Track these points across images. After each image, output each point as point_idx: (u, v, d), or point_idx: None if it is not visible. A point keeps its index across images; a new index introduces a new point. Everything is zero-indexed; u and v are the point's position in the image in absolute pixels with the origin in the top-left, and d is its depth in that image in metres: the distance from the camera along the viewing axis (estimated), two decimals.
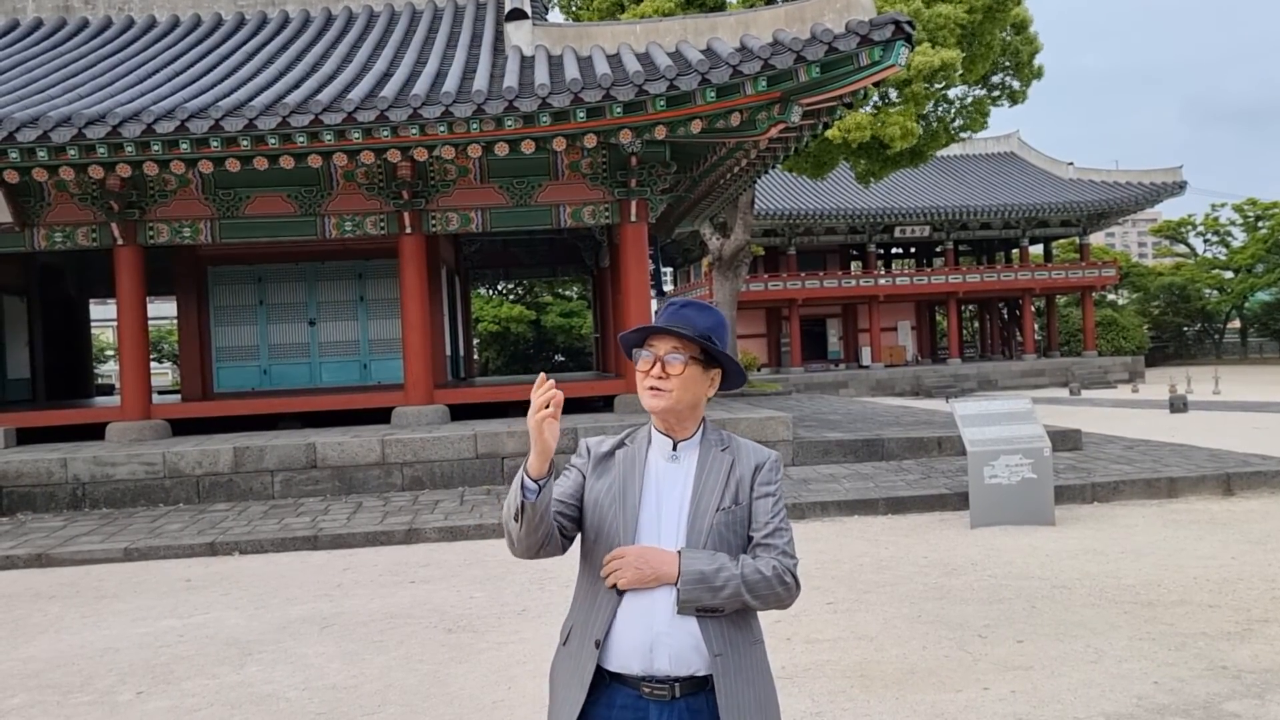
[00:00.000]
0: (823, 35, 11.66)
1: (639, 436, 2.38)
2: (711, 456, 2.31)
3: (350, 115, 11.58)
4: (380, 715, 4.96)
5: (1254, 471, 10.76)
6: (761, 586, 2.19)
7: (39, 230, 13.71)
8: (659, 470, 2.31)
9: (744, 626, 2.24)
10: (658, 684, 2.16)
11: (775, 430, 12.45)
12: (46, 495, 11.62)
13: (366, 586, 7.90)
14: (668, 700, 2.16)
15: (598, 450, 2.38)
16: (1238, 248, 53.19)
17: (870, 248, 41.91)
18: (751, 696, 2.19)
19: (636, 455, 2.33)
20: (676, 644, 2.15)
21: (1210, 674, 5.02)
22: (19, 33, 16.50)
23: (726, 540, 2.23)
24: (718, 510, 2.24)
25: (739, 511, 2.26)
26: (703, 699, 2.17)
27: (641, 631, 2.17)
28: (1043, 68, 25.11)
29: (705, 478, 2.28)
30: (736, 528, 2.25)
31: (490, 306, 44.54)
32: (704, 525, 2.23)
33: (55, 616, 7.37)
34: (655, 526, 2.25)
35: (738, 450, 2.33)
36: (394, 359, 15.76)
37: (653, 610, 2.17)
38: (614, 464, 2.34)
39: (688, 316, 2.28)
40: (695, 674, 2.16)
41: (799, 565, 2.29)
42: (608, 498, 2.29)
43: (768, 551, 2.23)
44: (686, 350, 2.27)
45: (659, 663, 2.16)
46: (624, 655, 2.18)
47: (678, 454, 2.31)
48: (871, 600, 6.72)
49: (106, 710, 5.23)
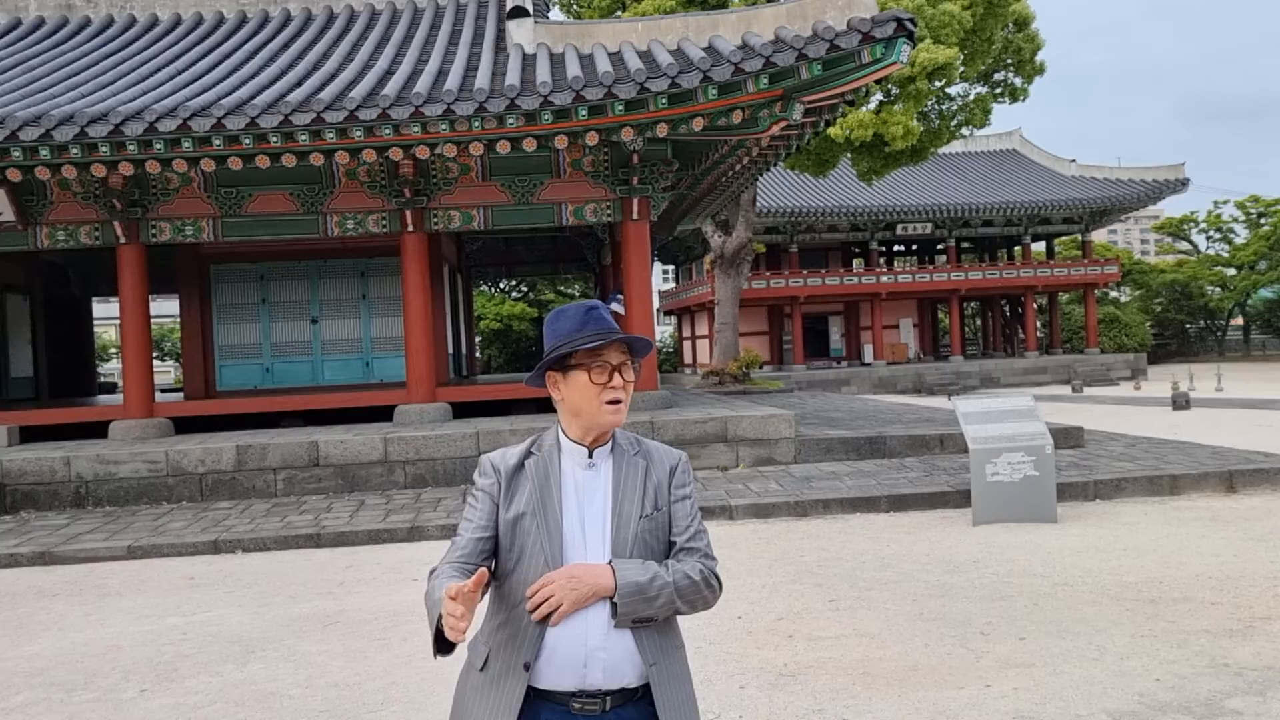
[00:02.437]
0: (824, 33, 11.65)
1: (545, 444, 2.29)
2: (626, 462, 2.25)
3: (352, 113, 11.58)
4: (383, 713, 4.97)
5: (1256, 469, 10.75)
6: (691, 591, 2.17)
7: (42, 229, 13.73)
8: (577, 480, 2.23)
9: (670, 634, 2.22)
10: (589, 698, 2.10)
11: (778, 428, 12.46)
12: (50, 493, 11.64)
13: (369, 584, 7.91)
14: (598, 714, 2.11)
15: (505, 466, 2.26)
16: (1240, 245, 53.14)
17: (872, 245, 41.88)
18: (681, 698, 2.18)
19: (549, 466, 2.24)
20: (611, 657, 2.10)
21: (1212, 671, 5.02)
22: (21, 31, 16.51)
23: (650, 547, 2.20)
24: (640, 518, 2.19)
25: (659, 517, 2.22)
26: (632, 709, 2.13)
27: (575, 647, 2.10)
28: (1044, 64, 25.09)
29: (624, 485, 2.22)
30: (658, 534, 2.22)
31: (492, 304, 44.56)
32: (629, 534, 2.18)
33: (59, 614, 7.38)
34: (580, 539, 2.18)
35: (649, 453, 2.28)
36: (396, 357, 15.77)
37: (586, 625, 2.10)
38: (525, 478, 2.24)
39: (609, 321, 2.24)
40: (627, 685, 2.12)
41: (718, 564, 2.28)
42: (527, 515, 2.19)
43: (691, 555, 2.20)
44: (629, 356, 2.24)
45: (592, 677, 2.10)
46: (556, 673, 2.11)
47: (594, 461, 2.24)
48: (874, 598, 6.73)
49: (110, 708, 5.24)
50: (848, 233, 41.73)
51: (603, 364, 2.20)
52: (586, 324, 2.21)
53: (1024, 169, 44.83)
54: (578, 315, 2.22)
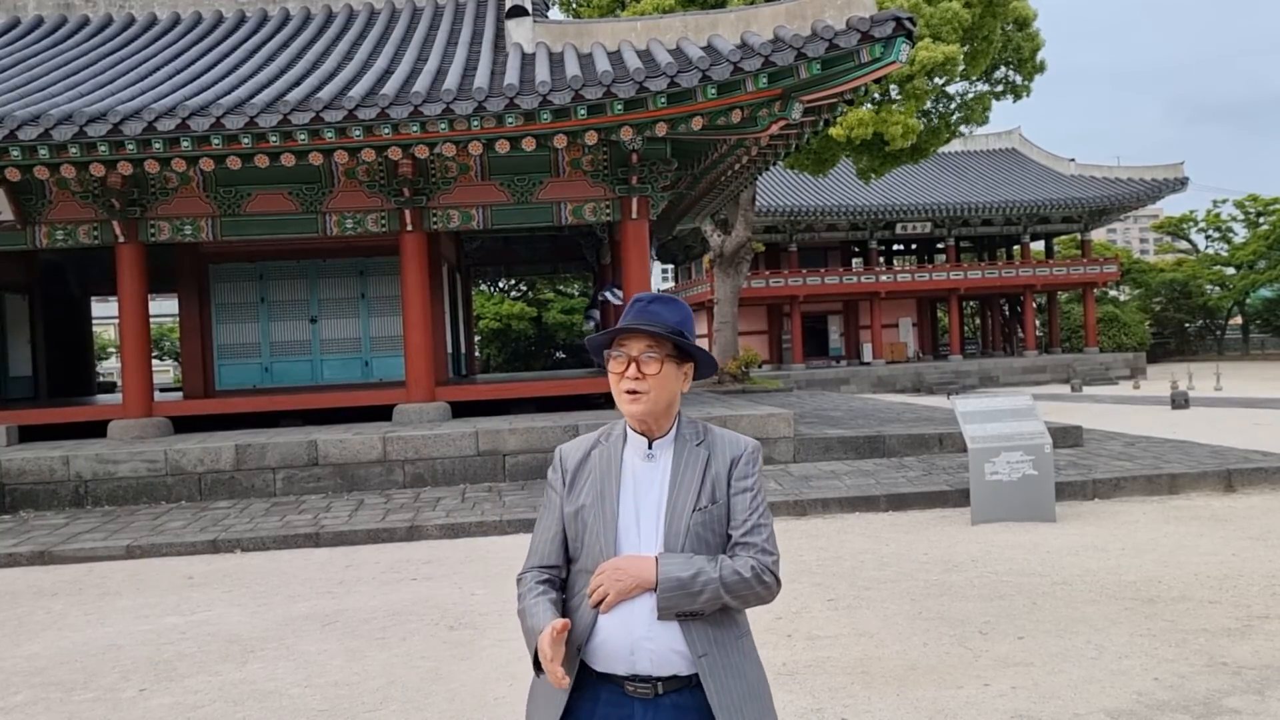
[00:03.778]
0: (824, 32, 11.65)
1: (614, 434, 2.33)
2: (687, 453, 2.26)
3: (351, 113, 11.58)
4: (382, 712, 4.97)
5: (1255, 468, 10.76)
6: (740, 587, 2.16)
7: (40, 228, 13.72)
8: (635, 470, 2.26)
9: (727, 624, 2.21)
10: (641, 683, 2.15)
11: (777, 427, 12.46)
12: (49, 493, 11.64)
13: (368, 584, 7.91)
14: (650, 698, 2.15)
15: (573, 459, 2.32)
16: (1239, 244, 53.17)
17: (872, 244, 41.90)
18: (742, 688, 2.17)
19: (612, 456, 2.28)
20: (657, 647, 2.14)
21: (1210, 670, 5.02)
22: (20, 30, 16.50)
23: (704, 540, 2.19)
24: (694, 510, 2.19)
25: (716, 510, 2.21)
26: (687, 695, 2.15)
27: (622, 636, 2.15)
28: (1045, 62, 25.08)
29: (681, 476, 2.23)
30: (714, 526, 2.21)
31: (491, 304, 44.55)
32: (680, 527, 2.18)
33: (58, 614, 7.38)
34: (635, 530, 2.20)
35: (714, 444, 2.28)
36: (395, 356, 15.77)
37: (632, 616, 2.14)
38: (590, 467, 2.29)
39: (656, 313, 2.24)
40: (678, 674, 2.15)
41: (779, 561, 2.24)
42: (587, 506, 2.25)
43: (746, 550, 2.19)
44: (660, 348, 2.23)
45: (640, 664, 2.15)
46: (607, 659, 2.17)
47: (653, 452, 2.26)
48: (872, 597, 6.73)
49: (109, 707, 5.24)
50: (847, 232, 41.74)
51: (621, 355, 2.23)
52: (629, 314, 2.26)
53: (1023, 168, 44.84)
54: (633, 305, 2.27)
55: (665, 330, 2.21)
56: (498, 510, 10.26)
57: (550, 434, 12.09)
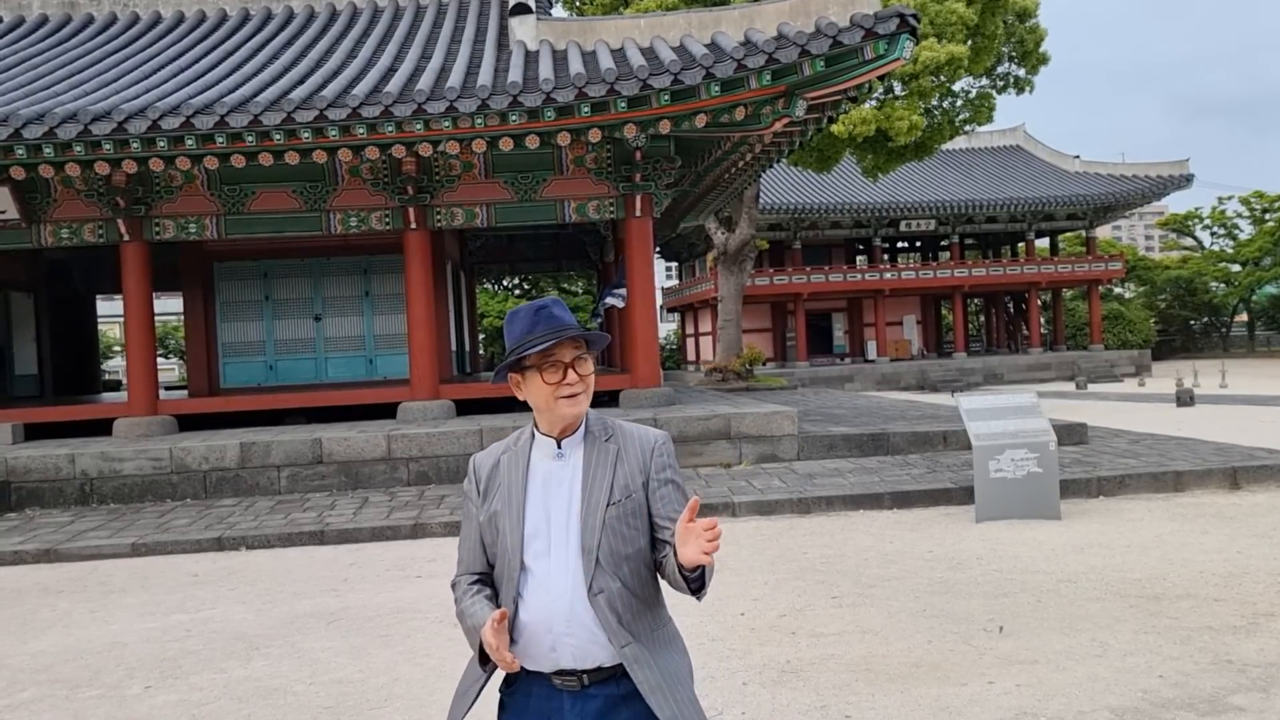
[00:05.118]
0: (827, 29, 11.64)
1: (522, 439, 2.36)
2: (597, 450, 2.29)
3: (355, 111, 11.58)
4: (386, 709, 4.98)
5: (1260, 465, 10.73)
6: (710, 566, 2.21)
7: (45, 226, 13.75)
8: (544, 472, 2.29)
9: (645, 615, 2.26)
10: (567, 676, 2.21)
11: (781, 425, 12.46)
12: (54, 491, 11.67)
13: (373, 581, 7.92)
14: (578, 690, 2.21)
15: (485, 468, 2.37)
16: (1245, 240, 52.97)
17: (875, 242, 41.84)
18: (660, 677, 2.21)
19: (518, 460, 2.32)
20: (577, 642, 2.19)
21: (1216, 668, 5.02)
22: (24, 29, 16.53)
23: (620, 534, 2.23)
24: (609, 505, 2.23)
25: (630, 504, 2.25)
26: (613, 685, 2.21)
27: (543, 635, 2.21)
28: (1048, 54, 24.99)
29: (593, 473, 2.26)
30: (629, 520, 2.24)
31: (495, 301, 44.60)
32: (596, 521, 2.22)
33: (64, 611, 7.40)
34: (545, 529, 2.24)
35: (623, 438, 2.32)
36: (399, 354, 15.78)
37: (551, 614, 2.19)
38: (500, 474, 2.33)
39: (561, 317, 2.27)
40: (602, 665, 2.20)
41: None
42: (499, 511, 2.28)
43: None
44: (584, 348, 2.28)
45: (564, 660, 2.20)
46: (533, 657, 2.23)
47: (563, 451, 2.29)
48: (876, 594, 6.73)
49: (115, 704, 5.25)
50: (851, 229, 41.68)
51: (554, 363, 2.24)
52: (536, 325, 2.25)
53: (1028, 165, 44.73)
54: (528, 317, 2.27)
55: (579, 331, 2.26)
56: None
57: None
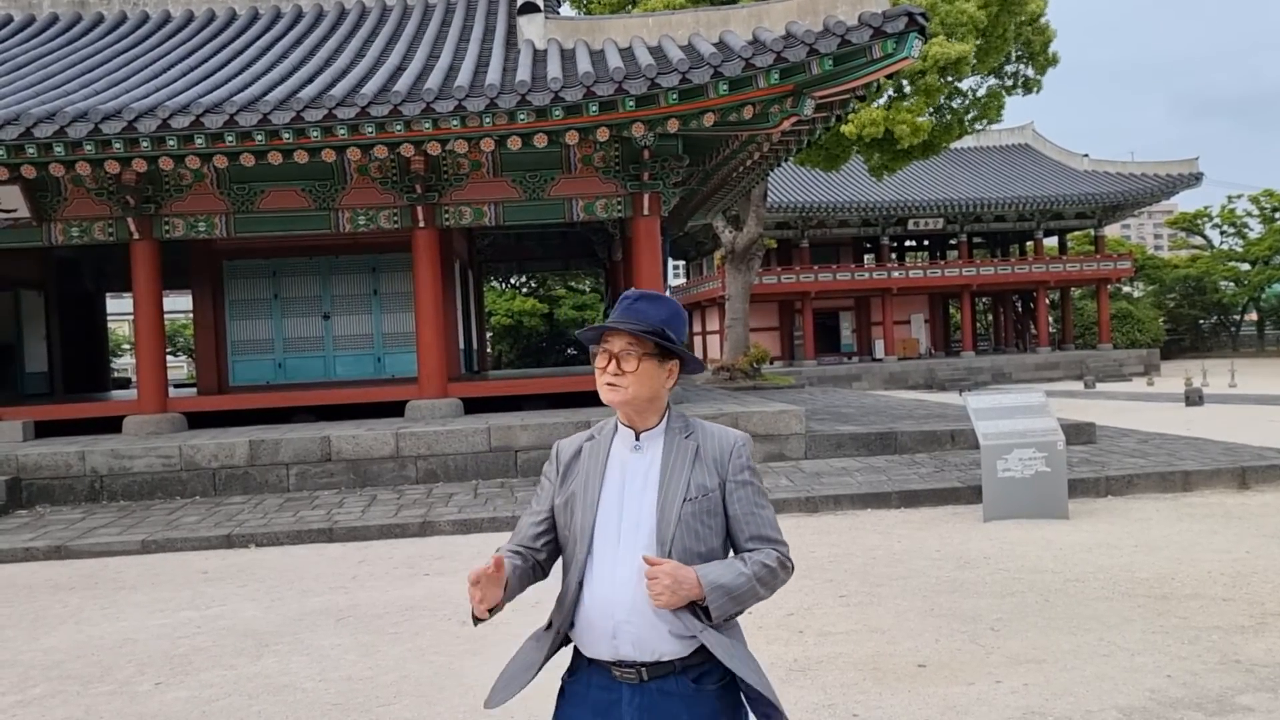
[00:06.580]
0: (835, 28, 11.62)
1: (606, 429, 2.39)
2: (676, 445, 2.30)
3: (364, 110, 11.61)
4: (395, 706, 5.00)
5: (1269, 465, 10.71)
6: (769, 578, 2.26)
7: (56, 225, 13.81)
8: (622, 462, 2.31)
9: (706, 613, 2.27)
10: (625, 668, 2.22)
11: (788, 424, 12.46)
12: (65, 488, 11.73)
13: (381, 579, 7.95)
14: (635, 683, 2.22)
15: (567, 453, 2.40)
16: (1254, 239, 52.72)
17: (883, 240, 41.78)
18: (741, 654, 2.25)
19: (600, 448, 2.35)
20: (637, 631, 2.20)
21: (1224, 668, 5.01)
22: (35, 28, 16.60)
23: (694, 530, 2.24)
24: (685, 500, 2.24)
25: (706, 502, 2.26)
26: (673, 681, 2.21)
27: (604, 621, 2.22)
28: (1058, 55, 24.94)
29: (671, 468, 2.28)
30: (703, 517, 2.25)
31: (503, 300, 44.59)
32: (672, 516, 2.23)
33: (75, 608, 7.45)
34: (616, 519, 2.26)
35: (703, 436, 2.33)
36: (408, 352, 15.82)
37: (613, 600, 2.21)
38: (582, 460, 2.36)
39: (640, 310, 2.29)
40: (661, 659, 2.21)
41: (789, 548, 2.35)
42: (577, 495, 2.32)
43: (764, 543, 2.29)
44: (640, 346, 2.28)
45: (623, 649, 2.21)
46: (592, 643, 2.26)
47: (640, 444, 2.32)
48: (884, 593, 6.73)
49: (126, 700, 5.29)
50: (859, 228, 41.64)
51: (604, 351, 2.30)
52: (615, 312, 2.33)
53: (1036, 164, 44.63)
54: (618, 303, 2.34)
55: (646, 328, 2.26)
56: (510, 506, 10.29)
57: (562, 430, 12.12)
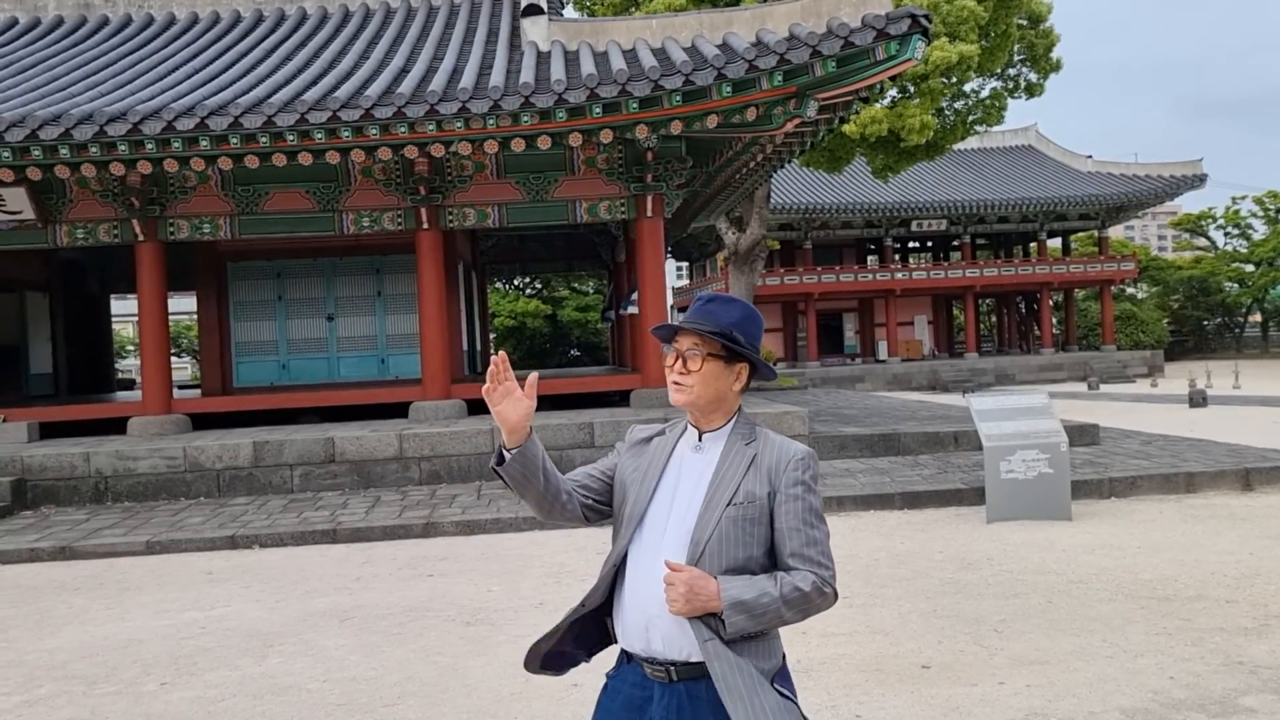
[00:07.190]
0: (838, 29, 11.63)
1: (676, 425, 2.44)
2: (735, 450, 2.30)
3: (368, 112, 11.63)
4: (399, 707, 5.02)
5: (1273, 467, 10.69)
6: (800, 602, 2.20)
7: (61, 226, 13.85)
8: (683, 459, 2.35)
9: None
10: (656, 666, 2.23)
11: (791, 425, 12.46)
12: (70, 489, 11.76)
13: (385, 580, 7.96)
14: (666, 683, 2.22)
15: (638, 437, 2.47)
16: (1259, 240, 52.66)
17: (887, 242, 41.76)
18: (747, 681, 2.16)
19: (667, 443, 2.40)
20: (665, 626, 2.20)
21: (1227, 669, 5.01)
22: (40, 30, 16.64)
23: (733, 536, 2.21)
24: (729, 504, 2.23)
25: (751, 510, 2.22)
26: (701, 686, 2.19)
27: (639, 614, 2.25)
28: (1061, 60, 24.93)
29: (724, 470, 2.28)
30: (745, 525, 2.22)
31: (506, 301, 44.63)
32: (713, 517, 2.22)
33: (80, 608, 7.47)
34: (665, 513, 2.29)
35: (765, 445, 2.31)
36: (411, 354, 15.84)
37: (649, 596, 2.22)
38: (650, 448, 2.41)
39: (711, 312, 2.32)
40: (689, 659, 2.19)
41: (836, 574, 2.27)
42: (633, 480, 2.36)
43: (804, 563, 2.22)
44: (705, 346, 2.29)
45: (654, 644, 2.23)
46: (628, 634, 2.28)
47: (702, 444, 2.34)
48: (887, 595, 6.74)
49: (131, 700, 5.30)
50: (862, 229, 41.62)
51: (672, 350, 2.35)
52: (689, 312, 2.36)
53: (1040, 165, 44.58)
54: (693, 304, 2.37)
55: (713, 329, 2.29)
56: (513, 507, 10.30)
57: (565, 431, 12.14)
